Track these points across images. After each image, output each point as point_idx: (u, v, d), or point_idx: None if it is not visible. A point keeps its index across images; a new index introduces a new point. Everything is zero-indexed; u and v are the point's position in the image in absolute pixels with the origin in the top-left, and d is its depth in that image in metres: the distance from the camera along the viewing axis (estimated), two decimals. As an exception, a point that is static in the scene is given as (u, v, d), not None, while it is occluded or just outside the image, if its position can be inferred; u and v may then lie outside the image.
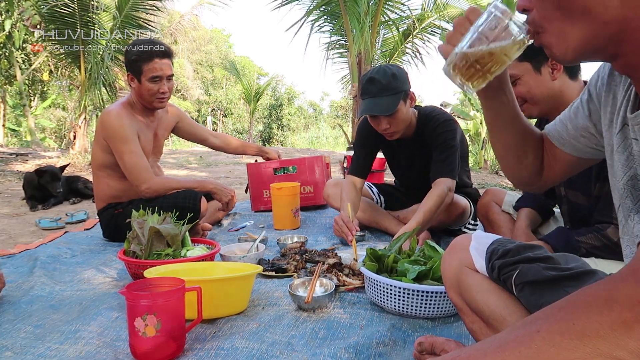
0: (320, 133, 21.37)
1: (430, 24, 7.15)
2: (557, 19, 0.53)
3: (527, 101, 1.39)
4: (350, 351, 1.07)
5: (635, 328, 0.40)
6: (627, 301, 0.41)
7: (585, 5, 0.50)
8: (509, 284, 0.78)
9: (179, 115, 2.46)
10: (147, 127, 2.22)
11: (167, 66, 2.10)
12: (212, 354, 1.09)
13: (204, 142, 2.62)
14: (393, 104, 1.85)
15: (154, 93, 2.09)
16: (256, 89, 14.99)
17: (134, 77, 2.10)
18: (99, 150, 2.15)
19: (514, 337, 0.46)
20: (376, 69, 1.93)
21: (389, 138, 2.01)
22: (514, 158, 0.87)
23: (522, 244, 0.82)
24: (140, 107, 2.18)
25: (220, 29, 25.32)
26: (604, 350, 0.40)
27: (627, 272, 0.44)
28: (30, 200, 3.40)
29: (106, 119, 2.09)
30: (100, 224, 2.26)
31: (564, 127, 0.82)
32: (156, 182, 2.10)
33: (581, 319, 0.43)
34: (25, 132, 12.26)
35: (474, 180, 3.01)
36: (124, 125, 2.07)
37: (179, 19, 10.43)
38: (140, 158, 2.08)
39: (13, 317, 1.33)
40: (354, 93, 5.71)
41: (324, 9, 5.92)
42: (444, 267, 0.97)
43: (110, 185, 2.18)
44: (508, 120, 0.82)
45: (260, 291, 1.51)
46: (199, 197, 2.12)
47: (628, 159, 0.64)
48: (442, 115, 2.04)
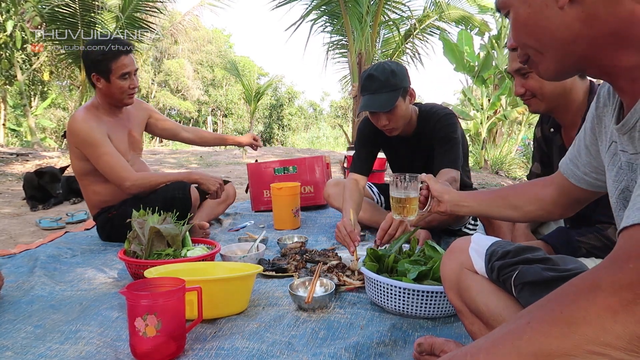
0: (321, 133, 21.36)
1: (430, 24, 7.15)
2: (535, 51, 0.65)
3: (536, 96, 1.37)
4: (350, 351, 1.07)
5: (621, 313, 0.41)
6: (611, 287, 0.43)
7: (552, 37, 0.61)
8: (509, 285, 0.78)
9: (149, 110, 2.42)
10: (117, 125, 2.17)
11: (133, 61, 2.10)
12: (212, 354, 1.09)
13: (176, 136, 2.57)
14: (391, 101, 1.86)
15: (124, 90, 2.07)
16: (256, 89, 14.99)
17: (101, 77, 2.05)
18: (75, 159, 2.11)
19: (506, 331, 0.48)
20: (375, 65, 1.93)
21: (388, 134, 2.01)
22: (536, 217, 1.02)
23: (521, 245, 0.83)
24: (106, 107, 2.13)
25: (220, 29, 25.33)
26: (592, 336, 0.42)
27: (610, 260, 0.46)
28: (31, 201, 3.40)
29: (73, 125, 2.05)
30: (97, 228, 2.25)
31: (575, 165, 0.87)
32: (139, 177, 2.07)
33: (568, 308, 0.44)
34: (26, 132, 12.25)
35: (474, 180, 3.01)
36: (92, 129, 2.02)
37: (179, 19, 10.44)
38: (116, 158, 2.04)
39: (13, 317, 1.33)
40: (354, 93, 5.71)
41: (324, 9, 5.92)
42: (443, 269, 0.98)
43: (97, 192, 2.16)
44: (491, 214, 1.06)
45: (261, 291, 1.51)
46: (187, 187, 2.09)
47: (618, 173, 0.67)
48: (442, 110, 2.04)
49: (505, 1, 0.66)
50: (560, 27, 0.60)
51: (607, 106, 0.73)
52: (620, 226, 0.48)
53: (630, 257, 0.44)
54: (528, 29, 0.64)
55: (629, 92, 0.62)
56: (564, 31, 0.60)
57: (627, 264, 0.43)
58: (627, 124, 0.61)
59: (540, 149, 1.62)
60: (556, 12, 0.60)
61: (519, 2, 0.64)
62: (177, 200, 2.00)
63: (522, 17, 0.64)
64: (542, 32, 0.63)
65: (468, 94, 8.04)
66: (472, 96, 8.06)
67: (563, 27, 0.60)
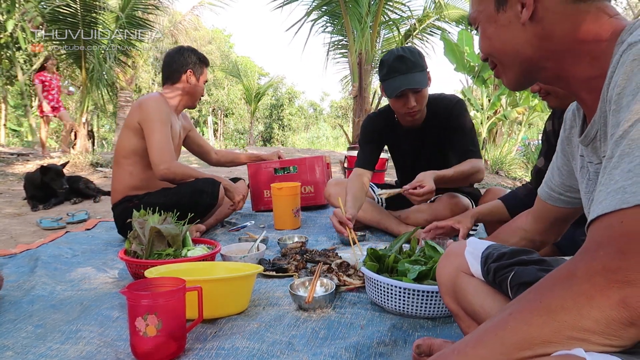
0: (321, 133, 21.38)
1: (430, 24, 7.16)
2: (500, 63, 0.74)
3: (550, 93, 1.41)
4: (350, 351, 1.07)
5: (596, 297, 0.43)
6: (585, 274, 0.45)
7: (514, 51, 0.70)
8: (505, 286, 0.78)
9: (191, 125, 2.60)
10: (175, 123, 2.30)
11: None
12: (212, 354, 1.09)
13: (204, 155, 2.74)
14: (425, 79, 1.91)
15: (202, 94, 2.38)
16: (257, 89, 14.99)
17: (194, 76, 2.30)
18: (130, 136, 2.16)
19: (491, 324, 0.51)
20: (401, 48, 1.96)
21: (412, 118, 2.01)
22: None
23: (517, 248, 0.83)
24: (175, 104, 2.30)
25: (221, 29, 25.32)
26: (571, 322, 0.44)
27: (583, 250, 0.49)
28: (32, 200, 3.41)
29: (146, 101, 2.17)
30: (115, 219, 2.23)
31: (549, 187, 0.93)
32: (175, 165, 2.11)
33: (547, 296, 0.47)
34: (26, 132, 12.27)
35: (474, 180, 3.00)
36: (162, 110, 2.15)
37: (180, 19, 10.44)
38: (167, 140, 2.12)
39: (14, 316, 1.33)
40: (354, 93, 5.71)
41: (324, 9, 5.92)
42: (439, 273, 0.98)
43: (133, 174, 2.19)
44: None
45: (261, 291, 1.51)
46: (218, 184, 2.15)
47: (587, 184, 0.73)
48: (453, 97, 2.09)
49: (475, 17, 0.73)
50: (521, 42, 0.68)
51: (574, 127, 0.79)
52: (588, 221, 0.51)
53: (600, 245, 0.46)
54: (493, 43, 0.72)
55: (588, 103, 0.67)
56: (524, 45, 0.68)
57: (598, 252, 0.46)
58: (589, 135, 0.66)
59: (548, 142, 1.61)
60: (518, 29, 0.68)
61: (485, 19, 0.71)
62: (205, 195, 2.07)
63: (487, 32, 0.71)
64: (505, 46, 0.70)
65: (468, 94, 8.04)
66: (472, 96, 8.05)
67: (523, 42, 0.68)
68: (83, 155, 6.49)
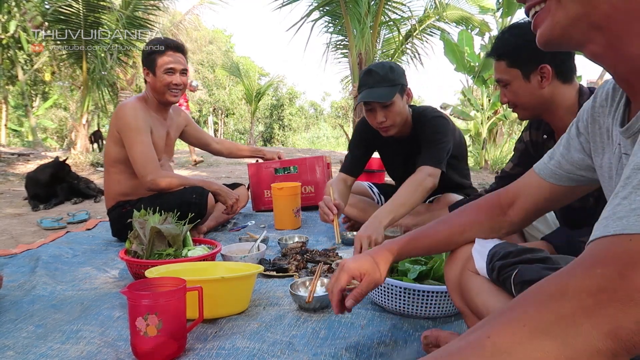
0: (321, 133, 21.39)
1: (430, 24, 7.15)
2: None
3: (517, 106, 1.39)
4: (351, 351, 1.07)
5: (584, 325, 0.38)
6: (576, 293, 0.40)
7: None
8: (508, 284, 0.78)
9: (187, 119, 2.56)
10: (160, 124, 2.25)
11: (180, 59, 2.19)
12: (213, 354, 1.09)
13: (206, 147, 2.72)
14: (390, 94, 1.87)
15: (167, 84, 2.14)
16: (257, 89, 14.99)
17: (149, 71, 2.16)
18: (112, 145, 2.16)
19: (464, 344, 0.44)
20: (374, 63, 1.96)
21: (384, 133, 2.00)
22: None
23: (523, 246, 0.83)
24: (154, 103, 2.22)
25: (221, 29, 25.33)
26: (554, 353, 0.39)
27: (575, 265, 0.43)
28: (32, 200, 3.42)
29: (121, 111, 2.13)
30: (110, 223, 2.25)
31: (558, 163, 0.82)
32: (161, 175, 2.10)
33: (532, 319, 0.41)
34: (27, 132, 12.29)
35: (473, 180, 3.01)
36: (137, 117, 2.10)
37: (180, 19, 10.45)
38: (150, 150, 2.09)
39: (15, 316, 1.33)
40: (354, 93, 5.71)
41: (325, 9, 5.92)
42: (446, 270, 0.98)
43: (121, 182, 2.18)
44: None
45: (261, 291, 1.52)
46: (205, 193, 2.13)
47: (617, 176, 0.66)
48: (433, 112, 2.05)
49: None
50: None
51: (604, 107, 0.71)
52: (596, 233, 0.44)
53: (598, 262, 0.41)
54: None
55: (637, 88, 0.58)
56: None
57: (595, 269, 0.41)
58: (632, 128, 0.59)
59: (526, 152, 1.59)
60: None
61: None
62: (193, 205, 2.03)
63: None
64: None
65: (468, 94, 8.04)
66: (472, 96, 8.06)
67: None
68: (83, 155, 6.50)
